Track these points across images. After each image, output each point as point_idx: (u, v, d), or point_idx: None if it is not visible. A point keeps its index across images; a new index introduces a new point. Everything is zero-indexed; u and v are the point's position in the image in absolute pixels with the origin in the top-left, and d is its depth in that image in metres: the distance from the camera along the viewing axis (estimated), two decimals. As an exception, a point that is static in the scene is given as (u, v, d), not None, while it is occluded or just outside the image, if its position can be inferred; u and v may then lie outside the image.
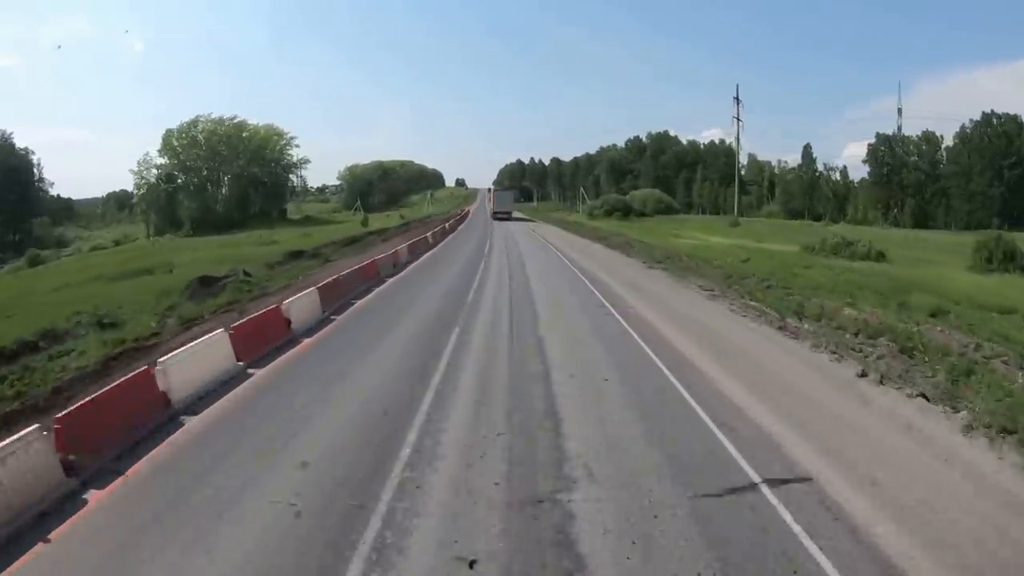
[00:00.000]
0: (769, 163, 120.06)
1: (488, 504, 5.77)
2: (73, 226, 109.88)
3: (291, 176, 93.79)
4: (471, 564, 4.95)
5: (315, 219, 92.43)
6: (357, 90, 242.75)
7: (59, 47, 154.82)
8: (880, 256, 34.12)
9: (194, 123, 78.88)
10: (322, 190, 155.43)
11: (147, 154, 76.96)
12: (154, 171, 77.01)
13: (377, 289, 19.33)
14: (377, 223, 72.53)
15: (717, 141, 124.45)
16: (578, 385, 9.37)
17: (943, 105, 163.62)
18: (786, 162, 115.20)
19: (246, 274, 22.02)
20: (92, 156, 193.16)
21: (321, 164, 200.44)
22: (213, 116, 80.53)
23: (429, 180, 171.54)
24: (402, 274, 23.35)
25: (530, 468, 6.53)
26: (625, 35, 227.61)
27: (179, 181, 77.81)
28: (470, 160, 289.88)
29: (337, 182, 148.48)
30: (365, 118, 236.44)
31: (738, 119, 70.36)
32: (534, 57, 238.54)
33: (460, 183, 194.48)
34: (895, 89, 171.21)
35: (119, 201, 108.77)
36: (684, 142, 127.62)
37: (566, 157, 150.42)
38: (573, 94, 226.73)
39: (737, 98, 70.58)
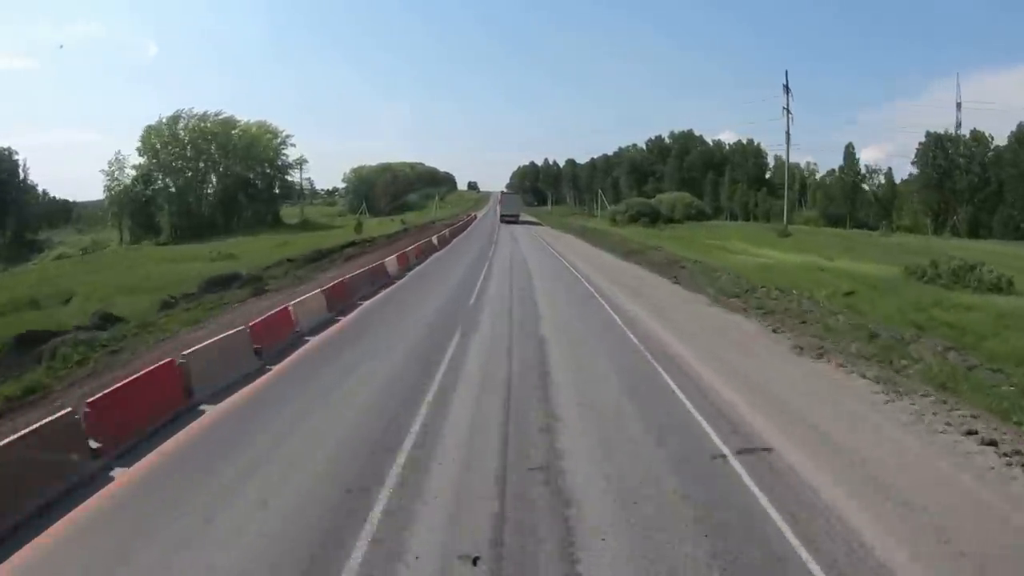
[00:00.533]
0: (798, 165, 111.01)
1: None
2: (70, 229, 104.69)
3: (287, 177, 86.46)
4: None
5: (313, 224, 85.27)
6: (367, 93, 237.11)
7: (61, 46, 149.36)
8: (1010, 284, 25.70)
9: (175, 119, 71.60)
10: (332, 192, 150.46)
11: (119, 153, 69.10)
12: (129, 172, 69.56)
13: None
14: (373, 230, 65.20)
15: (745, 142, 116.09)
16: None
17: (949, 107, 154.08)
18: (815, 164, 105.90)
19: (99, 326, 14.34)
20: (99, 157, 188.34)
21: (332, 166, 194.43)
22: (196, 111, 73.07)
23: (440, 183, 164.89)
24: (269, 376, 10.19)
25: None
26: (638, 39, 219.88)
27: (158, 183, 70.20)
28: (484, 163, 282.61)
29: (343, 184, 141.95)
30: (377, 122, 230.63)
31: (788, 111, 61.39)
32: (543, 58, 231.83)
33: (472, 186, 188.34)
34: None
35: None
36: (709, 142, 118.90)
37: (581, 159, 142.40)
38: (585, 96, 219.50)
39: (787, 86, 61.80)
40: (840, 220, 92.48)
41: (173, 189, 70.87)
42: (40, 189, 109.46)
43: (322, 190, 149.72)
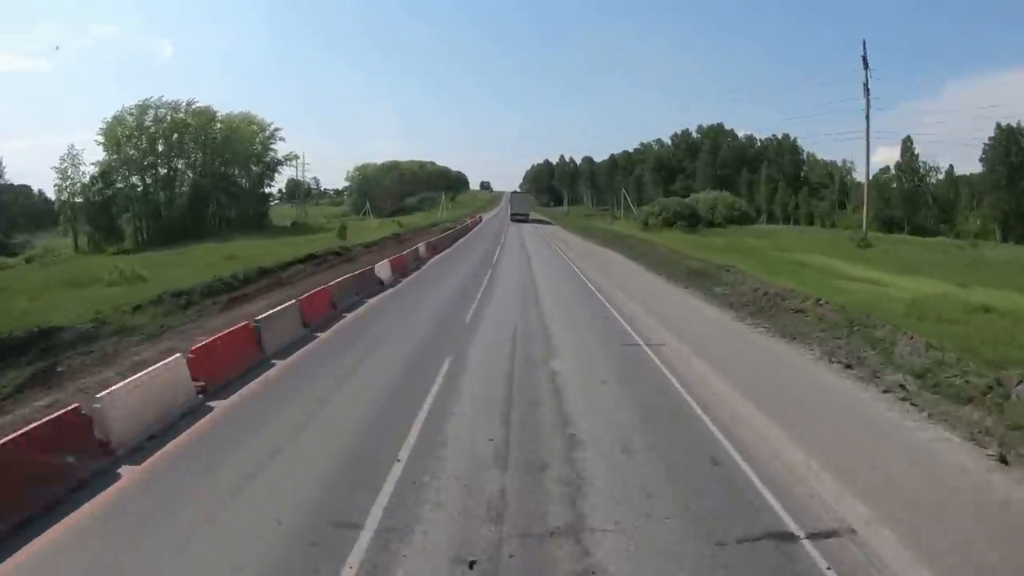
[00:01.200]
0: (835, 163, 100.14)
1: None
2: (59, 231, 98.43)
3: (277, 174, 78.05)
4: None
5: (305, 226, 76.94)
6: (368, 94, 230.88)
7: (57, 48, 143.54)
8: None
9: (143, 109, 62.00)
10: (340, 193, 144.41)
11: (72, 148, 60.08)
12: (86, 169, 60.61)
13: None
14: (372, 232, 56.86)
15: (780, 136, 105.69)
16: None
17: (972, 107, 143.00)
18: (851, 163, 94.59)
19: None
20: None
21: (342, 167, 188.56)
22: (167, 100, 64.49)
23: (451, 182, 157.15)
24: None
25: None
26: (644, 41, 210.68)
27: (120, 183, 61.63)
28: (497, 163, 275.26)
29: (347, 183, 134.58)
30: (384, 124, 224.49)
31: (867, 87, 51.12)
32: (545, 58, 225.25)
33: (485, 186, 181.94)
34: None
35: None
36: (741, 136, 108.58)
37: (599, 156, 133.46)
38: (593, 95, 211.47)
39: (865, 58, 51.58)
40: (896, 224, 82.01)
41: (140, 188, 62.57)
42: (36, 190, 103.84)
43: (331, 190, 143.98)
